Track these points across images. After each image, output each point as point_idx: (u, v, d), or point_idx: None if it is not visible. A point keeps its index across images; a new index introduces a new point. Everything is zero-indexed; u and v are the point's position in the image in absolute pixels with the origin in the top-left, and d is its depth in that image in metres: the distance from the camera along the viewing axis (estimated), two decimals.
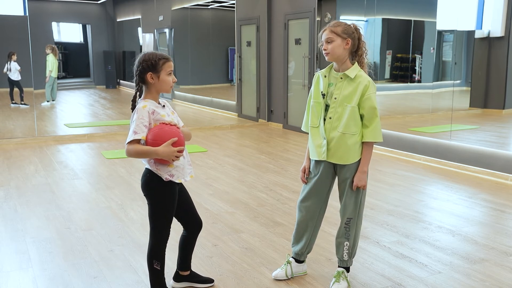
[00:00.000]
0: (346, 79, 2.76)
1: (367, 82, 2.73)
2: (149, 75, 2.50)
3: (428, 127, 6.65)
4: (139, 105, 2.52)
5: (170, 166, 2.54)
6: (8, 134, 7.93)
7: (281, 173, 5.71)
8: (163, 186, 2.55)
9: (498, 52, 5.86)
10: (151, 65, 2.50)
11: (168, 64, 2.53)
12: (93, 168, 6.04)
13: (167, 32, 12.49)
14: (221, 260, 3.31)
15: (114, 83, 14.57)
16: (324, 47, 2.76)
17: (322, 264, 3.25)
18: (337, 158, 2.79)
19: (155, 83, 2.52)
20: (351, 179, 2.80)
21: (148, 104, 2.51)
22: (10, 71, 9.07)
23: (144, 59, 2.51)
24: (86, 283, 2.98)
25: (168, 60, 2.54)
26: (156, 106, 2.54)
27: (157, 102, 2.58)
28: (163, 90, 2.56)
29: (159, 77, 2.51)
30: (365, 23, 7.38)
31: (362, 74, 2.76)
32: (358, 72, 2.75)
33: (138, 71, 2.52)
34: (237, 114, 10.34)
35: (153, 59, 2.50)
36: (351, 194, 2.82)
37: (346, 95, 2.74)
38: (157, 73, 2.51)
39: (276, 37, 9.13)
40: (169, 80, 2.54)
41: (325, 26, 2.79)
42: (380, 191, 4.95)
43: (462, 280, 3.01)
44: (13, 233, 3.81)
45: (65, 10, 13.71)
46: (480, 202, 4.62)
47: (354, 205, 2.83)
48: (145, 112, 2.48)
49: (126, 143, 2.48)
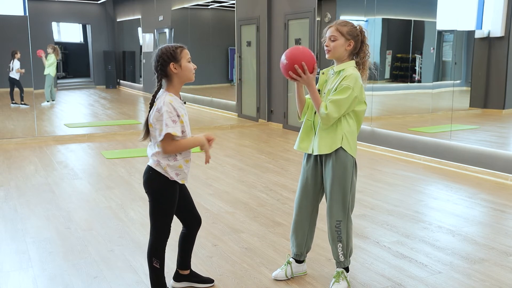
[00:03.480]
0: (336, 75, 2.79)
1: (349, 73, 2.70)
2: (172, 65, 2.51)
3: (428, 127, 6.66)
4: (166, 98, 2.50)
5: (180, 166, 2.57)
6: (8, 134, 7.93)
7: (281, 173, 5.71)
8: (165, 184, 2.57)
9: (498, 52, 5.86)
10: (171, 55, 2.51)
11: (185, 51, 2.56)
12: (93, 168, 6.04)
13: (167, 32, 12.49)
14: (221, 260, 3.31)
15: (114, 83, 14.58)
16: (326, 44, 2.77)
17: (322, 264, 3.25)
18: (320, 149, 2.78)
19: (178, 72, 2.53)
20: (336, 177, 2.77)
21: (173, 101, 2.51)
22: (12, 70, 9.09)
23: (162, 52, 2.53)
24: (86, 283, 2.98)
25: (184, 48, 2.57)
26: (179, 103, 2.55)
27: (179, 97, 2.59)
28: (186, 78, 2.57)
29: (181, 66, 2.53)
30: (365, 23, 7.38)
31: (352, 70, 2.73)
32: (348, 67, 2.75)
33: (159, 65, 2.51)
34: (237, 114, 10.34)
35: (171, 49, 2.52)
36: (337, 195, 2.79)
37: (330, 89, 2.76)
38: (178, 62, 2.52)
39: (276, 37, 9.13)
40: (190, 66, 2.56)
41: (332, 23, 2.80)
42: (380, 191, 4.95)
43: (462, 280, 3.01)
44: (13, 233, 3.81)
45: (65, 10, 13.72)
46: (480, 202, 4.62)
47: (342, 206, 2.80)
48: (171, 107, 2.48)
49: (160, 140, 2.48)
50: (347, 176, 2.77)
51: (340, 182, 2.77)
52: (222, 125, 9.28)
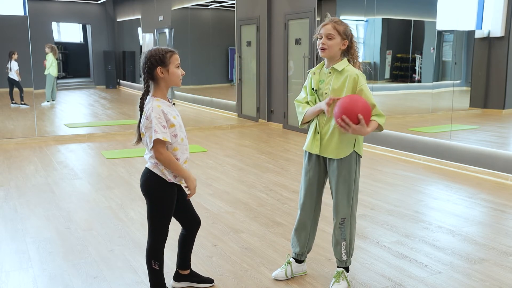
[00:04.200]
0: (335, 73, 2.77)
1: (355, 75, 2.73)
2: (159, 69, 2.50)
3: (428, 127, 6.65)
4: (154, 103, 2.50)
5: None
6: (8, 134, 7.93)
7: (281, 173, 5.71)
8: (163, 186, 2.56)
9: (498, 52, 5.86)
10: (159, 59, 2.49)
11: (175, 56, 2.54)
12: (93, 168, 6.04)
13: (167, 32, 12.49)
14: (221, 260, 3.31)
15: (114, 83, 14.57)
16: (323, 41, 2.73)
17: (322, 264, 3.25)
18: (329, 152, 2.79)
19: (165, 77, 2.51)
20: (342, 175, 2.79)
21: (161, 105, 2.51)
22: (10, 71, 9.08)
23: (151, 54, 2.51)
24: (86, 283, 2.98)
25: (174, 53, 2.55)
26: (167, 106, 2.55)
27: (167, 100, 2.59)
28: (173, 83, 2.55)
29: (169, 71, 2.51)
30: (365, 23, 7.38)
31: (350, 68, 2.76)
32: (346, 66, 2.76)
33: (146, 67, 2.50)
34: (237, 114, 10.33)
35: (160, 53, 2.50)
36: (343, 192, 2.81)
37: (335, 89, 2.75)
38: (166, 66, 2.50)
39: (276, 37, 9.13)
40: (178, 72, 2.54)
41: (326, 20, 2.78)
42: (380, 191, 4.95)
43: (462, 280, 3.01)
44: (13, 233, 3.81)
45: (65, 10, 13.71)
46: (480, 202, 4.62)
47: (346, 203, 2.83)
48: (160, 111, 2.48)
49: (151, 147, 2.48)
50: (352, 173, 2.81)
51: (346, 180, 2.80)
52: (222, 125, 9.28)
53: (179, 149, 2.56)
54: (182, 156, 2.58)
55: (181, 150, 2.57)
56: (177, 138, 2.54)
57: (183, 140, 2.58)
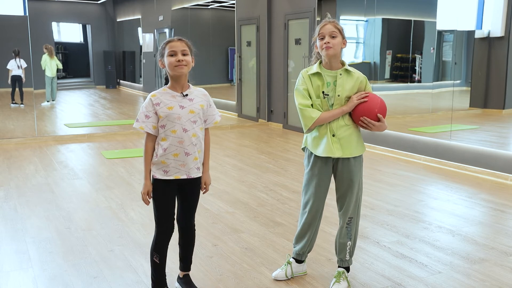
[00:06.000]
0: (345, 74, 2.77)
1: (363, 77, 2.81)
2: (160, 62, 2.53)
3: (428, 127, 6.65)
4: (152, 92, 2.55)
5: (163, 162, 2.52)
6: (8, 134, 7.93)
7: (281, 173, 5.71)
8: (154, 183, 2.58)
9: (498, 52, 5.85)
10: (159, 52, 2.54)
11: (170, 44, 2.48)
12: (93, 168, 6.04)
13: (167, 32, 12.49)
14: (221, 260, 3.31)
15: (114, 83, 14.57)
16: (327, 40, 2.69)
17: (322, 264, 3.25)
18: (350, 152, 2.79)
19: (166, 68, 2.51)
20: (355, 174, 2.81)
21: (158, 95, 2.51)
22: (19, 68, 9.05)
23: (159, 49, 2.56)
24: (86, 283, 2.98)
25: (170, 41, 2.49)
26: (171, 96, 2.50)
27: (178, 91, 2.52)
28: (172, 74, 2.49)
29: (165, 62, 2.49)
30: (365, 23, 7.38)
31: (356, 70, 2.83)
32: (351, 68, 2.81)
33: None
34: (237, 114, 10.33)
35: (161, 45, 2.53)
36: (353, 191, 2.84)
37: (348, 89, 2.76)
38: (163, 57, 2.51)
39: (276, 37, 9.13)
40: (170, 61, 2.45)
41: (325, 20, 2.77)
42: (380, 191, 4.95)
43: (462, 280, 3.01)
44: (13, 233, 3.81)
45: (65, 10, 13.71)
46: (480, 202, 4.62)
47: (355, 202, 2.86)
48: (150, 101, 2.50)
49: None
50: (361, 171, 2.88)
51: (357, 178, 2.84)
52: (222, 125, 9.27)
53: (167, 140, 2.50)
54: (170, 148, 2.50)
55: (170, 141, 2.49)
56: (164, 129, 2.49)
57: (176, 132, 2.48)
